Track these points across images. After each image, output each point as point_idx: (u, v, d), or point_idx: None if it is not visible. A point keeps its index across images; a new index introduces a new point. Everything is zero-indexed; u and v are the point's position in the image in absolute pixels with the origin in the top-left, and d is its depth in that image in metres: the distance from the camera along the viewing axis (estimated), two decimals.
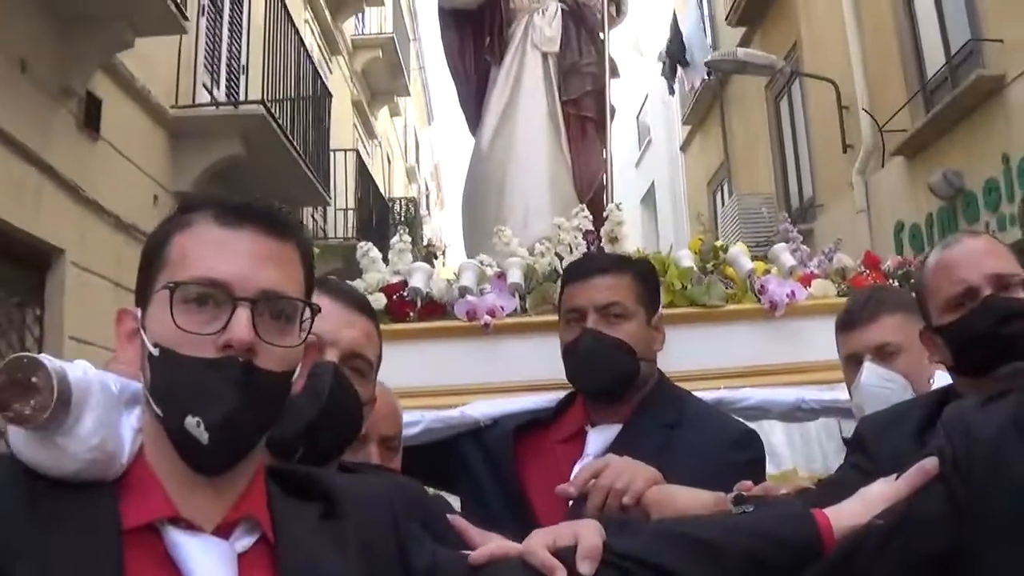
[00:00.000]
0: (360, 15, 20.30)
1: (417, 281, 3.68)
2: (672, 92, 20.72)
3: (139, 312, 1.41)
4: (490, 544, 1.63)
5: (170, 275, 1.36)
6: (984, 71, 9.61)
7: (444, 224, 39.23)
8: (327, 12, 16.80)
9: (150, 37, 8.59)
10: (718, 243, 4.04)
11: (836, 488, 1.87)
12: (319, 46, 16.13)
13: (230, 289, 1.34)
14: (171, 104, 10.02)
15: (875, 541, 1.67)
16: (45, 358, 1.29)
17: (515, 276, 3.67)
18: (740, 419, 2.98)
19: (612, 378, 2.59)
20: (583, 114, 4.91)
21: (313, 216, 14.45)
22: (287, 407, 1.44)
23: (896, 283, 3.92)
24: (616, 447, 2.49)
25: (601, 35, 5.05)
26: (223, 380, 1.31)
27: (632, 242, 4.01)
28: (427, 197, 36.45)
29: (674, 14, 19.59)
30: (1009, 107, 9.41)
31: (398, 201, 22.27)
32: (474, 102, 5.05)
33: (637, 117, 24.97)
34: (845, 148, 12.97)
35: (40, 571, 1.22)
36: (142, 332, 1.38)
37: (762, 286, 3.70)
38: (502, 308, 3.58)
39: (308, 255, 1.49)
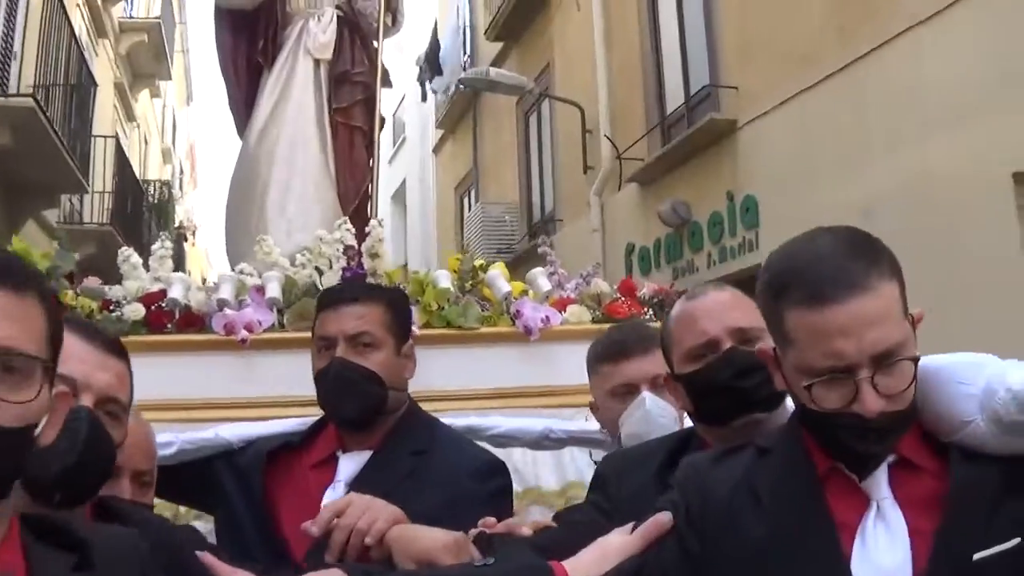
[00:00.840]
0: None
1: (176, 292, 3.62)
2: (424, 99, 20.90)
3: None
4: None
5: None
6: (717, 115, 10.27)
7: (197, 204, 38.08)
8: None
9: None
10: (477, 263, 4.09)
11: (576, 528, 1.92)
12: (87, 29, 15.59)
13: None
14: None
15: None
16: None
17: (273, 291, 3.64)
18: (489, 447, 2.99)
19: (360, 407, 2.56)
20: (352, 123, 4.85)
21: (71, 201, 14.22)
22: (41, 455, 1.40)
23: (650, 311, 4.04)
24: (366, 472, 2.54)
25: (375, 44, 5.00)
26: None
27: (392, 257, 3.99)
28: (181, 177, 35.47)
29: (435, 22, 19.69)
30: (738, 149, 10.10)
31: (152, 183, 21.66)
32: (243, 105, 4.93)
33: (394, 114, 24.60)
34: (586, 169, 13.48)
35: None
36: None
37: (518, 311, 3.76)
38: (259, 322, 3.53)
39: (50, 305, 1.43)
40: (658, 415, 2.47)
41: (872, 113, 8.13)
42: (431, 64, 18.03)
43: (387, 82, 4.99)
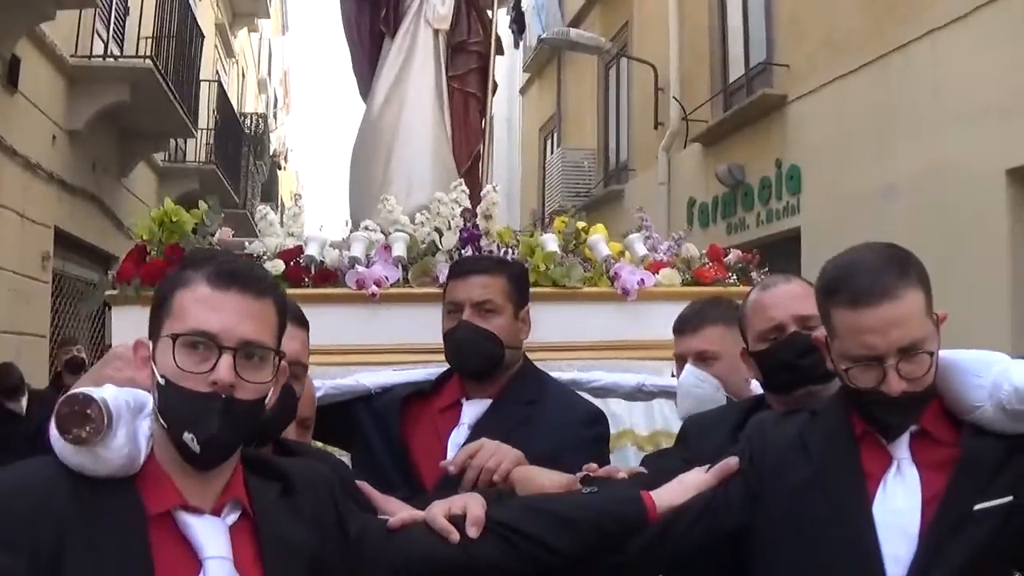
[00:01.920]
0: None
1: (312, 250, 3.83)
2: (516, 46, 20.93)
3: (151, 345, 1.75)
4: (402, 513, 2.02)
5: (172, 323, 1.70)
6: (770, 90, 10.79)
7: (290, 128, 38.38)
8: None
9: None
10: (581, 225, 4.24)
11: (662, 474, 2.24)
12: None
13: (217, 339, 1.67)
14: (71, 53, 10.26)
15: (689, 516, 2.08)
16: (95, 393, 1.65)
17: (399, 249, 3.85)
18: (589, 398, 3.28)
19: (481, 362, 2.84)
20: (467, 90, 4.99)
21: (175, 141, 14.47)
22: None
23: (734, 275, 4.24)
24: (486, 418, 2.82)
25: (489, 14, 5.13)
26: (209, 410, 1.65)
27: (502, 218, 4.24)
28: (275, 105, 35.29)
29: None
30: (787, 122, 10.60)
31: (249, 116, 21.77)
32: (366, 69, 5.07)
33: None
34: (656, 125, 13.77)
35: (87, 548, 1.57)
36: (152, 363, 1.72)
37: (616, 273, 3.99)
38: (387, 278, 3.76)
39: (281, 304, 1.81)
40: (692, 385, 2.85)
41: (900, 101, 8.61)
42: (518, 18, 18.08)
43: (500, 50, 5.15)
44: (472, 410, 2.86)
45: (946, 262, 6.97)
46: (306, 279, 3.79)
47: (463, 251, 3.93)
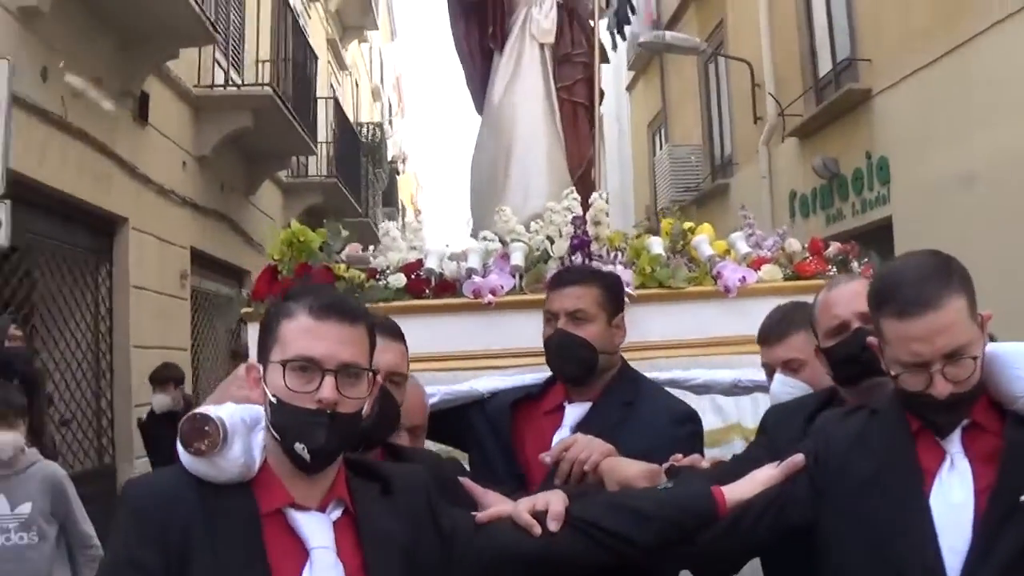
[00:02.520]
0: None
1: (431, 263, 4.01)
2: (615, 48, 20.98)
3: (261, 368, 2.00)
4: (490, 509, 2.23)
5: (280, 350, 1.95)
6: (855, 84, 10.95)
7: (405, 133, 38.88)
8: None
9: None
10: (687, 225, 4.35)
11: (743, 463, 2.43)
12: None
13: (321, 363, 1.91)
14: (193, 84, 10.83)
15: (755, 511, 2.22)
16: (212, 412, 1.93)
17: (517, 259, 3.99)
18: (691, 394, 3.50)
19: (576, 367, 3.02)
20: (575, 99, 5.10)
21: (297, 158, 14.77)
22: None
23: (834, 267, 4.24)
24: (587, 419, 2.99)
25: (592, 24, 5.21)
26: (317, 424, 1.90)
27: (614, 221, 4.38)
28: (390, 111, 35.56)
29: None
30: (873, 115, 10.77)
31: (365, 126, 22.07)
32: (478, 84, 5.25)
33: None
34: (755, 120, 13.89)
35: (211, 542, 1.84)
36: (263, 384, 1.97)
37: (719, 272, 4.05)
38: (502, 287, 3.92)
39: (371, 328, 2.05)
40: (782, 394, 2.93)
41: (973, 92, 8.73)
42: (620, 18, 18.08)
43: (604, 59, 5.23)
44: (574, 412, 3.04)
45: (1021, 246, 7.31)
46: (427, 291, 3.95)
47: (574, 257, 4.03)
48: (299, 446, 1.89)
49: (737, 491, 2.23)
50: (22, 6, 7.07)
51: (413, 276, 3.97)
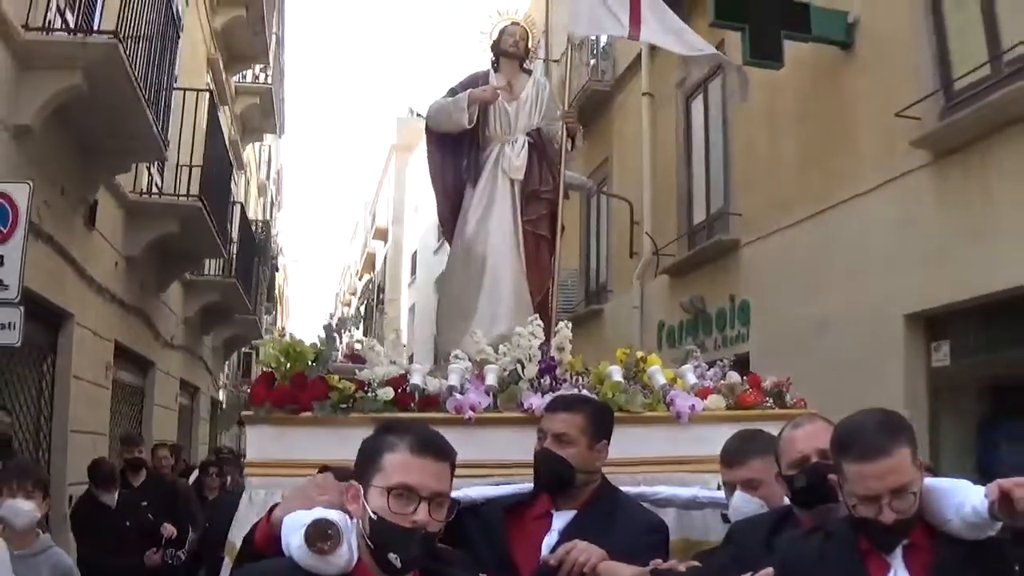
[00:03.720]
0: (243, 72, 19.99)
1: (416, 379, 4.17)
2: None
3: (360, 488, 2.29)
4: None
5: (384, 477, 2.25)
6: (725, 236, 11.79)
7: (283, 223, 38.47)
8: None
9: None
10: (639, 354, 4.63)
11: (712, 567, 2.78)
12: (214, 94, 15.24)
13: (418, 491, 2.23)
14: (129, 190, 11.06)
15: None
16: (331, 517, 2.25)
17: (491, 379, 4.20)
18: (653, 506, 3.75)
19: (553, 481, 3.34)
20: (538, 232, 5.42)
21: (149, 170, 12.48)
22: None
23: (771, 399, 4.61)
24: (572, 526, 3.26)
25: (558, 164, 5.50)
26: (412, 540, 2.21)
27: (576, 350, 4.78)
28: (271, 205, 35.49)
29: None
30: (740, 263, 11.61)
31: (255, 223, 21.82)
32: (448, 213, 5.55)
33: None
34: (631, 254, 14.65)
35: None
36: (364, 501, 2.26)
37: (672, 399, 4.33)
38: (480, 404, 4.12)
39: (454, 461, 2.38)
40: (742, 508, 3.25)
41: (828, 251, 9.66)
42: None
43: (567, 195, 5.51)
44: (560, 520, 3.31)
45: (859, 387, 8.15)
46: (412, 404, 4.12)
47: (542, 379, 4.27)
48: (392, 556, 2.20)
49: None
50: (17, 124, 7.25)
51: (399, 390, 4.12)
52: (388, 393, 4.10)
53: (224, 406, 25.07)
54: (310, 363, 4.20)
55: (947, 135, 8.02)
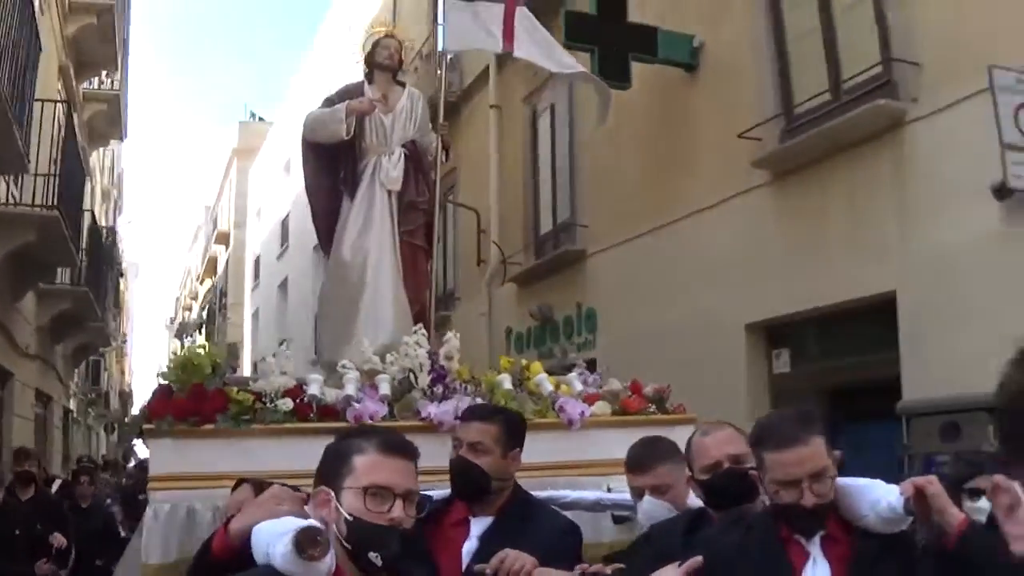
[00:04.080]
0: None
1: (314, 390, 4.16)
2: None
3: (331, 493, 2.27)
4: None
5: (355, 478, 2.25)
6: (572, 246, 11.99)
7: (123, 227, 37.19)
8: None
9: None
10: (524, 363, 4.74)
11: (635, 569, 2.86)
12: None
13: (392, 490, 2.25)
14: None
15: None
16: (320, 525, 2.22)
17: (384, 389, 4.24)
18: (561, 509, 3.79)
19: (470, 489, 3.40)
20: (415, 242, 5.45)
21: (5, 180, 11.77)
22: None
23: (653, 405, 4.77)
24: (490, 531, 3.33)
25: (433, 176, 5.58)
26: (391, 537, 2.23)
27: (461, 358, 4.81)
28: (115, 210, 34.16)
29: None
30: (586, 272, 11.86)
31: (103, 230, 20.68)
32: (323, 220, 5.54)
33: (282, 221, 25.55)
34: (479, 262, 14.64)
35: None
36: (336, 504, 2.24)
37: (562, 407, 4.44)
38: (378, 412, 4.16)
39: (418, 461, 2.38)
40: (652, 513, 3.40)
41: (670, 263, 9.96)
42: None
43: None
44: (478, 526, 3.38)
45: (705, 392, 7.95)
46: (311, 415, 4.11)
47: (435, 388, 4.34)
48: (372, 555, 2.21)
49: None
50: None
51: (298, 401, 4.10)
52: (287, 404, 4.10)
53: (75, 414, 24.02)
54: (210, 375, 4.09)
55: (787, 156, 8.35)
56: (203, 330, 44.39)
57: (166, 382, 4.10)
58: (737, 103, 9.01)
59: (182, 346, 47.71)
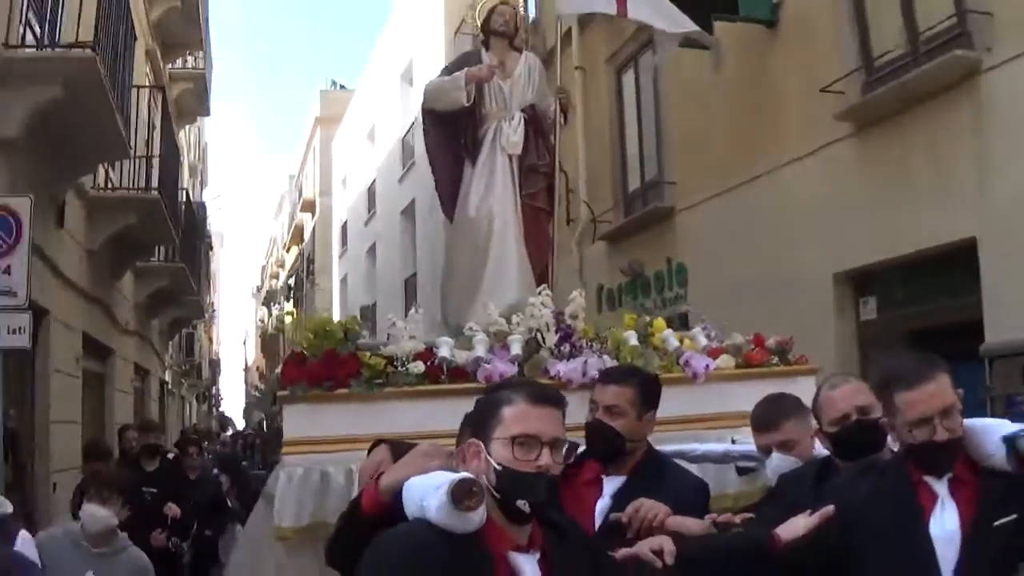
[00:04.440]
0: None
1: (444, 352, 4.00)
2: None
3: (481, 445, 2.19)
4: (619, 552, 2.50)
5: (505, 428, 2.17)
6: (661, 203, 11.59)
7: (208, 199, 37.20)
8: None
9: None
10: (648, 319, 4.51)
11: (766, 520, 2.72)
12: (149, 80, 14.57)
13: (540, 438, 2.15)
14: (89, 185, 10.30)
15: (798, 545, 2.53)
16: (474, 477, 2.12)
17: (516, 349, 4.06)
18: (689, 463, 3.68)
19: (605, 450, 3.22)
20: (537, 205, 5.23)
21: (106, 168, 11.65)
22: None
23: (776, 357, 4.53)
24: (623, 490, 3.14)
25: (552, 139, 5.33)
26: (539, 484, 2.14)
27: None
28: (201, 183, 33.34)
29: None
30: (676, 228, 11.46)
31: (194, 205, 19.67)
32: (447, 187, 5.30)
33: (402, 139, 23.82)
34: (568, 221, 14.03)
35: None
36: (487, 455, 2.17)
37: (687, 361, 4.22)
38: (507, 372, 3.96)
39: (565, 410, 2.27)
40: (781, 469, 3.25)
41: (758, 216, 9.52)
42: None
43: (562, 169, 5.34)
44: (610, 485, 3.20)
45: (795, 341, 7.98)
46: (442, 376, 3.95)
47: (562, 346, 4.14)
48: (521, 502, 2.12)
49: (788, 531, 2.56)
50: (1, 137, 6.97)
51: (429, 363, 3.93)
52: (419, 367, 3.93)
53: (170, 386, 24.19)
54: (344, 341, 3.87)
55: (868, 109, 8.03)
56: (292, 297, 43.72)
57: (299, 349, 3.91)
58: (818, 58, 8.65)
59: (269, 313, 47.75)
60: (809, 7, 8.89)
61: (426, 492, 2.16)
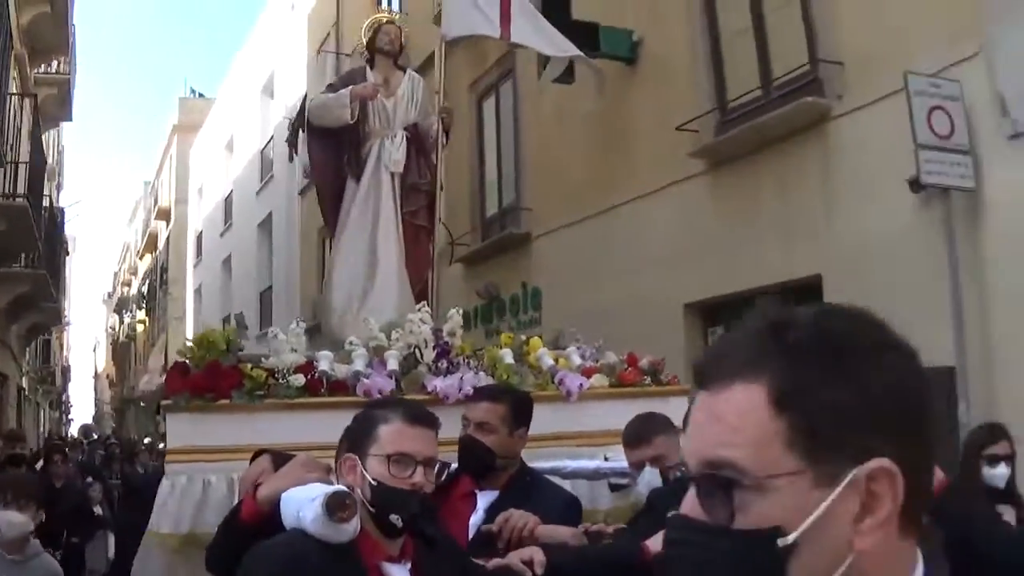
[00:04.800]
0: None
1: (324, 365, 3.98)
2: (291, 160, 20.39)
3: (357, 459, 2.27)
4: (491, 562, 2.60)
5: (380, 446, 2.25)
6: (517, 229, 11.84)
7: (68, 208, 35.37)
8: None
9: None
10: (524, 338, 4.60)
11: (641, 531, 2.73)
12: (16, 86, 14.12)
13: (414, 457, 2.25)
14: None
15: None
16: (347, 490, 2.20)
17: (393, 364, 4.07)
18: (561, 480, 3.76)
19: (475, 466, 3.29)
20: (417, 223, 5.27)
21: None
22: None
23: (648, 378, 4.65)
24: (495, 505, 3.21)
25: (434, 157, 5.38)
26: (412, 501, 2.23)
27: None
28: (58, 188, 32.90)
29: (305, 95, 19.58)
30: (531, 253, 11.70)
31: (57, 213, 19.71)
32: (330, 202, 5.30)
33: (261, 152, 23.45)
34: None
35: None
36: (363, 470, 2.25)
37: (561, 379, 4.30)
38: (385, 387, 3.98)
39: (438, 431, 2.37)
40: (653, 483, 3.27)
41: (612, 245, 9.84)
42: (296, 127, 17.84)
43: (442, 187, 5.41)
44: (484, 500, 3.28)
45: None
46: (322, 390, 3.92)
47: (439, 363, 4.16)
48: (394, 517, 2.21)
49: (656, 543, 2.43)
50: None
51: (309, 376, 3.90)
52: (299, 380, 3.90)
53: (27, 392, 23.15)
54: (225, 352, 3.83)
55: (721, 148, 8.33)
56: (144, 305, 42.49)
57: (182, 359, 3.88)
58: (674, 97, 8.95)
59: (121, 321, 45.85)
60: (668, 47, 9.18)
61: (302, 503, 2.22)
